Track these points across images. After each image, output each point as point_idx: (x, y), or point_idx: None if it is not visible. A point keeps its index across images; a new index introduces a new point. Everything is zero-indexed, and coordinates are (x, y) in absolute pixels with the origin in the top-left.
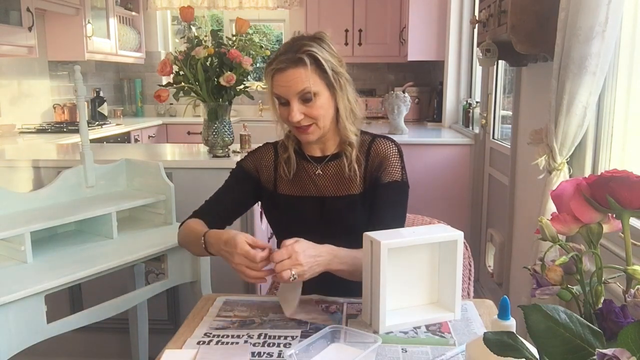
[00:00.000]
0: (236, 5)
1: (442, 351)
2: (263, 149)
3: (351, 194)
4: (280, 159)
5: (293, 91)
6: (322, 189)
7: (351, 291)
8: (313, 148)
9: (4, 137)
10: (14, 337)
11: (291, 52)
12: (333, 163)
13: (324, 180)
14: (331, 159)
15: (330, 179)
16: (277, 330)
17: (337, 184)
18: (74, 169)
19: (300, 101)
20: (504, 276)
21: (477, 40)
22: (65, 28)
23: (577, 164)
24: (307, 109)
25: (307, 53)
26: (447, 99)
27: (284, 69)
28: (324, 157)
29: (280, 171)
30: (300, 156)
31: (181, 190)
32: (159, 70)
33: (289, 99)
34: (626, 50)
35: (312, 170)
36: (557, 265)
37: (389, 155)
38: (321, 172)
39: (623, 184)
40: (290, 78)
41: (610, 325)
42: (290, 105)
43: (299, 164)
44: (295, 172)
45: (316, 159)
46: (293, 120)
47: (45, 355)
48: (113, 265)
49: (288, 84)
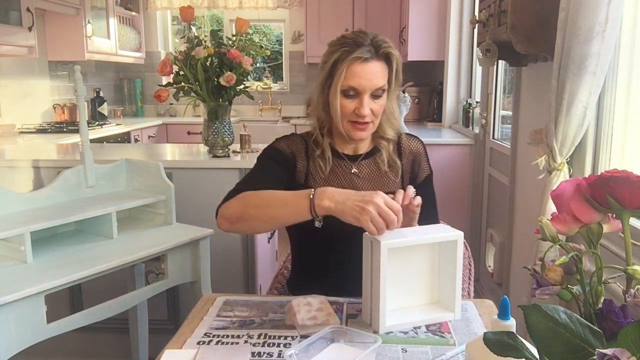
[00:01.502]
0: (236, 5)
1: (442, 351)
2: (295, 138)
3: (389, 192)
4: (313, 153)
5: (373, 85)
6: (360, 187)
7: (351, 291)
8: (347, 146)
9: (4, 137)
10: (14, 337)
11: (371, 46)
12: (366, 162)
13: (360, 179)
14: (365, 157)
15: (367, 178)
16: (277, 330)
17: (375, 183)
18: (74, 169)
19: (370, 96)
20: (504, 276)
21: (477, 40)
22: (65, 28)
23: (577, 164)
24: (374, 105)
25: (392, 49)
26: (447, 99)
27: (368, 60)
28: (357, 156)
29: (313, 165)
30: (333, 153)
31: (181, 190)
32: (159, 70)
33: (363, 92)
34: (626, 50)
35: (348, 168)
36: (557, 265)
37: (421, 151)
38: (357, 170)
39: (623, 184)
40: (373, 71)
41: (610, 325)
42: (363, 99)
43: (334, 161)
44: (331, 169)
45: (350, 158)
46: (364, 114)
47: (45, 355)
48: (113, 265)
49: (369, 76)
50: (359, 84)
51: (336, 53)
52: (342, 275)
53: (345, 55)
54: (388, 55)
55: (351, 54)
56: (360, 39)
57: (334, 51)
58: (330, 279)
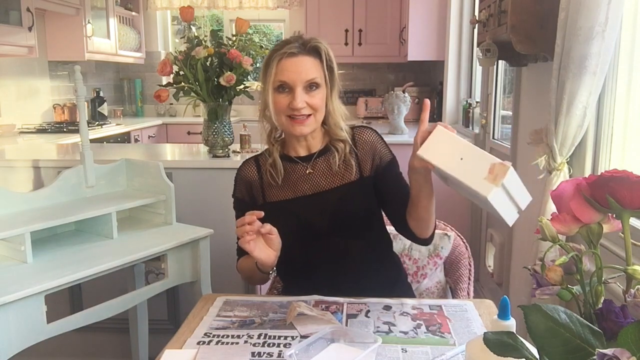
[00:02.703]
0: (236, 5)
1: (442, 351)
2: (244, 167)
3: (347, 182)
4: (264, 168)
5: (303, 78)
6: (316, 185)
7: (351, 291)
8: (298, 148)
9: (4, 137)
10: (14, 337)
11: (301, 42)
12: (321, 159)
13: (316, 177)
14: (318, 155)
15: (323, 174)
16: (277, 330)
17: (331, 177)
18: (74, 169)
19: (304, 90)
20: (504, 276)
21: (477, 40)
22: (65, 28)
23: (577, 164)
24: (310, 99)
25: (321, 45)
26: (447, 99)
27: (296, 54)
28: (311, 155)
29: (266, 180)
30: (286, 160)
31: (181, 190)
32: (159, 70)
33: (294, 86)
34: (626, 50)
35: (302, 170)
36: (557, 265)
37: (375, 140)
38: (312, 169)
39: (623, 184)
40: (301, 64)
41: (610, 325)
42: (295, 92)
43: (287, 167)
44: (284, 177)
45: (303, 159)
46: (297, 106)
47: (45, 355)
48: (113, 265)
49: (298, 69)
50: (289, 78)
51: (266, 55)
52: (328, 273)
53: (273, 53)
54: (317, 49)
55: (279, 51)
56: (290, 38)
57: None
58: (315, 278)
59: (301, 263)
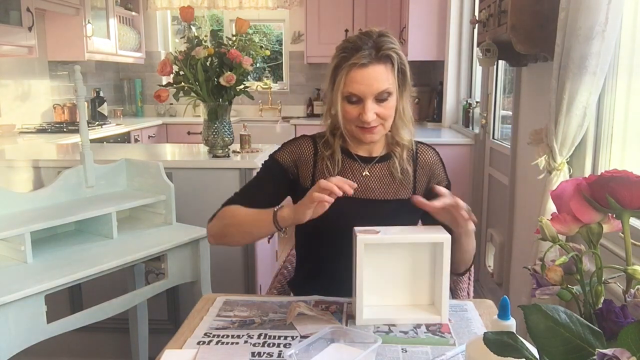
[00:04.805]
0: (236, 5)
1: (442, 351)
2: (301, 141)
3: (400, 198)
4: (322, 154)
5: (374, 90)
6: (369, 191)
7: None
8: (361, 147)
9: (4, 137)
10: (14, 337)
11: (372, 48)
12: (380, 165)
13: (371, 182)
14: (379, 160)
15: (378, 181)
16: (277, 330)
17: (386, 187)
18: (74, 169)
19: (375, 100)
20: (504, 276)
21: (477, 40)
22: (65, 28)
23: (577, 164)
24: (380, 109)
25: (392, 51)
26: (447, 99)
27: (366, 65)
28: (372, 159)
29: (320, 167)
30: (345, 154)
31: (181, 190)
32: (159, 70)
33: (364, 98)
34: (626, 50)
35: (359, 170)
36: (557, 265)
37: (436, 162)
38: (368, 173)
39: (623, 184)
40: (372, 76)
41: (610, 325)
42: (365, 104)
43: (344, 162)
44: (340, 171)
45: (363, 159)
46: (367, 120)
47: (45, 355)
48: (113, 265)
49: (369, 82)
50: (359, 90)
51: (336, 59)
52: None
53: (342, 61)
54: (389, 57)
55: (349, 60)
56: (360, 42)
57: (335, 57)
58: (330, 278)
59: (320, 259)
